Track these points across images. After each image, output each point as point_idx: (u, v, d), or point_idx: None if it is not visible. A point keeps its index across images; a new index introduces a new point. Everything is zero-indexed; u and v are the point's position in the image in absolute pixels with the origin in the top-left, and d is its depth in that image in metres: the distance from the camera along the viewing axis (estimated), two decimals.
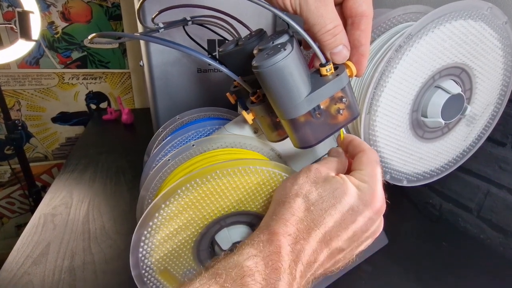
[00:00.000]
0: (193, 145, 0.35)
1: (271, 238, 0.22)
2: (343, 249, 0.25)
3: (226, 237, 0.32)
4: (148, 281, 0.30)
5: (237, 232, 0.33)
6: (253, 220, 0.33)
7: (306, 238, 0.23)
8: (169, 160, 0.35)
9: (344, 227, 0.24)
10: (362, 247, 0.27)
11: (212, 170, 0.29)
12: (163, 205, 0.28)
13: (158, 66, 0.63)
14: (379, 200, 0.26)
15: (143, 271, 0.30)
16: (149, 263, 0.30)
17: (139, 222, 0.28)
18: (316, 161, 0.39)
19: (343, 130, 0.32)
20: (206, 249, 0.33)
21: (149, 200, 0.36)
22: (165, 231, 0.29)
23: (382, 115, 0.38)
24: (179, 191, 0.28)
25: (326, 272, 0.26)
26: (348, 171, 0.29)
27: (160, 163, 0.35)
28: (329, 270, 0.26)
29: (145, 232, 0.29)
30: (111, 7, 1.27)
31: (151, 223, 0.28)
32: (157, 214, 0.28)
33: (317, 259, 0.24)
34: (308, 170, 0.27)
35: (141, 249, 0.29)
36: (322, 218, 0.24)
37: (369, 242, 0.27)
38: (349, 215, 0.24)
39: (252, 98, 0.32)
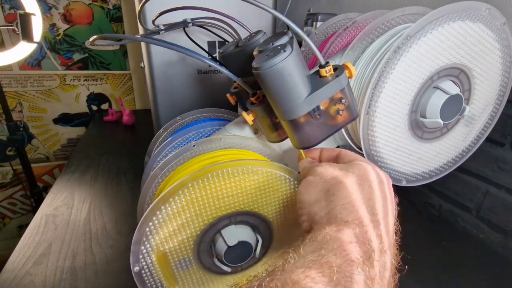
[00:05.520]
0: (221, 138, 0.36)
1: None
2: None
3: (233, 233, 0.32)
4: (142, 259, 0.31)
5: (243, 231, 0.33)
6: (260, 224, 0.34)
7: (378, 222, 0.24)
8: (194, 146, 0.36)
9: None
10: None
11: (244, 164, 0.30)
12: (189, 184, 0.30)
13: (159, 68, 0.63)
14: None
15: (143, 247, 0.30)
16: (151, 239, 0.30)
17: (162, 194, 0.29)
18: None
19: (302, 151, 0.33)
20: (208, 242, 0.33)
21: (160, 180, 0.37)
22: (181, 212, 0.30)
23: (381, 116, 0.38)
24: (209, 175, 0.30)
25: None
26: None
27: (184, 147, 0.36)
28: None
29: (162, 207, 0.29)
30: (112, 9, 1.28)
31: (171, 199, 0.30)
32: (180, 192, 0.30)
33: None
34: (321, 165, 0.28)
35: (147, 228, 0.30)
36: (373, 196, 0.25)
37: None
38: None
39: (252, 99, 0.33)
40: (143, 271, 0.31)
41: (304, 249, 0.21)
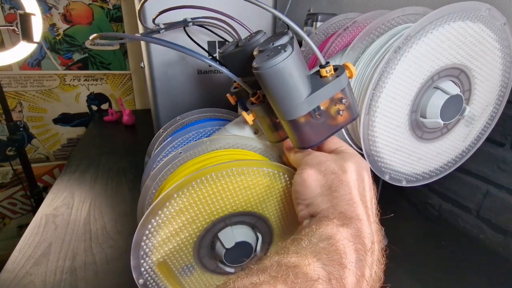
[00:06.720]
0: (207, 142, 0.36)
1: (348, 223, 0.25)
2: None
3: (230, 235, 0.32)
4: (145, 272, 0.31)
5: (240, 232, 0.33)
6: (257, 222, 0.34)
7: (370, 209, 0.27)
8: (180, 153, 0.35)
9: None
10: None
11: (228, 167, 0.30)
12: (175, 195, 0.29)
13: (159, 67, 0.63)
14: None
15: (142, 261, 0.30)
16: (149, 252, 0.30)
17: (150, 207, 0.29)
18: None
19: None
20: (207, 246, 0.33)
21: (154, 191, 0.36)
22: (173, 222, 0.30)
23: (382, 116, 0.38)
24: (193, 183, 0.29)
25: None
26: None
27: (171, 154, 0.35)
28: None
29: (152, 221, 0.29)
30: (112, 9, 1.28)
31: (160, 212, 0.29)
32: (167, 204, 0.29)
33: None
34: (318, 155, 0.30)
35: (143, 243, 0.30)
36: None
37: None
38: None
39: (252, 99, 0.33)
40: (148, 283, 0.31)
41: (314, 237, 0.23)
